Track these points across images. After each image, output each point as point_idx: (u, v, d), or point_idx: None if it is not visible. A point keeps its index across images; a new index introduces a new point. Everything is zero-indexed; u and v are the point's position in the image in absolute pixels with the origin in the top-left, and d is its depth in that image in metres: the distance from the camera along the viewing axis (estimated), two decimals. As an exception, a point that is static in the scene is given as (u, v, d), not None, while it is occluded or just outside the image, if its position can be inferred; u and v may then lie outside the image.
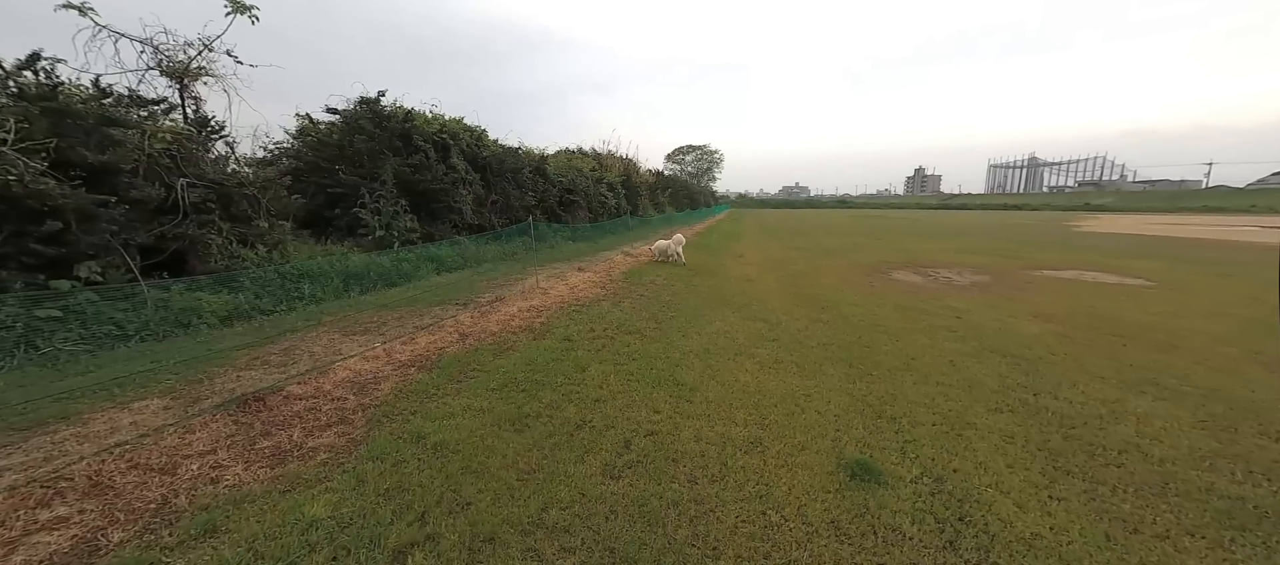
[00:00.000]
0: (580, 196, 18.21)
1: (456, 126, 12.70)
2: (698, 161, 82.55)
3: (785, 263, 12.34)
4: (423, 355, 4.79)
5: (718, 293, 8.13)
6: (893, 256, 13.69)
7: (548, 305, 7.01)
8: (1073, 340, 5.52)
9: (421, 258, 9.78)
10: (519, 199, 14.70)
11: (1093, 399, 3.91)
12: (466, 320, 6.07)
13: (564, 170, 18.39)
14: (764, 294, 8.09)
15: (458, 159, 12.04)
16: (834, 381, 4.25)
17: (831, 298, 7.80)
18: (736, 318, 6.45)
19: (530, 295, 7.63)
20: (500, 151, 14.21)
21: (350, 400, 3.74)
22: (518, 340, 5.35)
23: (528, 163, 16.29)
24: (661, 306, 7.10)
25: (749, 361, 4.75)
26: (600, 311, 6.72)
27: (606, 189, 21.44)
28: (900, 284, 9.23)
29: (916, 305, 7.25)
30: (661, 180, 42.13)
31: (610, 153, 30.07)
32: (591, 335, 5.58)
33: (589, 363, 4.67)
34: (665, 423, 3.46)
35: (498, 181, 13.60)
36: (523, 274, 9.71)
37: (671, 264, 11.30)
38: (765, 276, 10.01)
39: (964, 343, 5.37)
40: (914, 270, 11.13)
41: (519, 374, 4.31)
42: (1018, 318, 6.56)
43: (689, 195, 51.78)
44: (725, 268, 11.28)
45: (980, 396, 3.94)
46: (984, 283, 9.40)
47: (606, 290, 8.32)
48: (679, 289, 8.48)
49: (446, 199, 11.30)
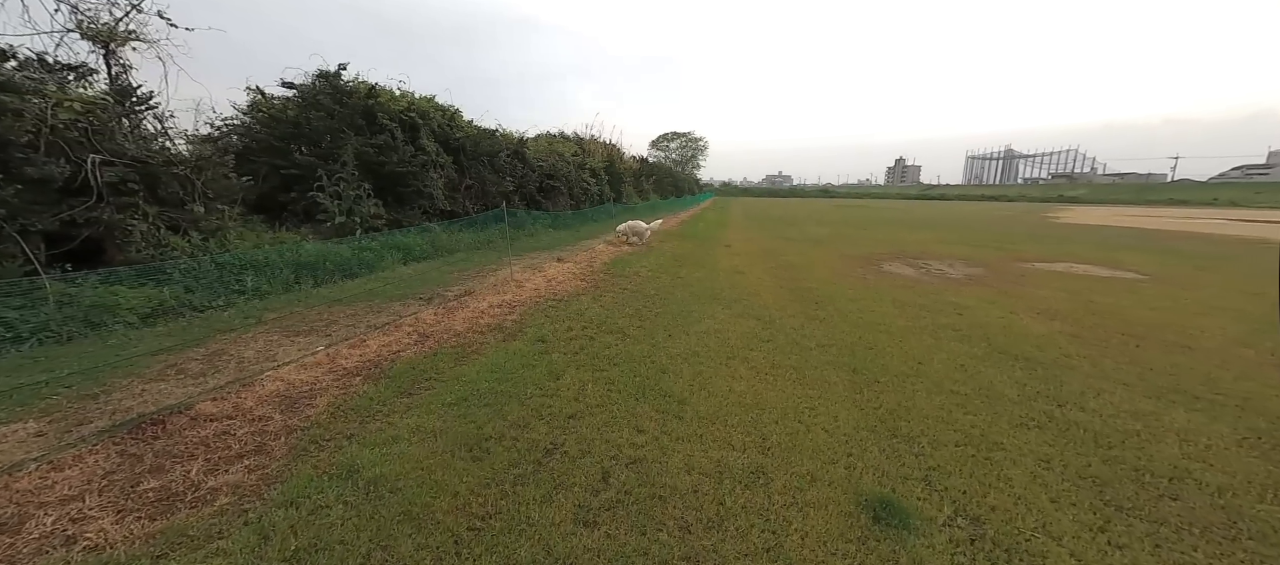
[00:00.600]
0: (561, 182, 17.47)
1: (426, 105, 11.83)
2: (682, 148, 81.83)
3: (774, 253, 11.92)
4: (372, 361, 4.18)
5: (706, 286, 7.64)
6: (882, 247, 13.40)
7: (522, 300, 6.42)
8: (1083, 340, 5.18)
9: (386, 246, 9.04)
10: (496, 184, 13.94)
11: (1122, 411, 3.53)
12: (429, 318, 5.44)
13: (544, 155, 17.61)
14: (755, 287, 7.63)
15: (428, 140, 11.22)
16: (839, 391, 3.79)
17: (826, 292, 7.37)
18: (727, 315, 5.97)
19: (503, 289, 7.02)
20: (475, 133, 13.39)
21: (274, 421, 3.13)
22: (485, 342, 4.76)
23: (506, 146, 15.48)
24: (646, 301, 6.57)
25: (743, 367, 4.26)
26: (579, 307, 6.17)
27: (589, 175, 20.71)
28: (894, 277, 8.88)
29: (915, 301, 6.88)
30: (646, 167, 41.37)
31: (593, 138, 29.22)
32: (568, 335, 5.02)
33: (564, 369, 4.13)
34: (651, 446, 2.95)
35: (472, 165, 12.80)
36: (498, 264, 9.06)
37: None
38: (755, 268, 9.56)
39: (972, 344, 4.98)
40: (905, 262, 10.82)
41: (483, 384, 3.75)
42: (1021, 315, 6.22)
43: (674, 183, 51.16)
44: (713, 259, 10.80)
45: (1001, 408, 3.52)
46: (978, 276, 9.11)
47: (587, 283, 7.75)
48: (665, 282, 7.96)
49: (415, 183, 10.52)
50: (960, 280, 8.61)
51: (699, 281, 8.01)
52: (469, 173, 12.69)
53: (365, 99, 10.20)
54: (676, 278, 8.32)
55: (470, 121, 14.21)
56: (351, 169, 9.36)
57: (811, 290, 7.51)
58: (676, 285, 7.67)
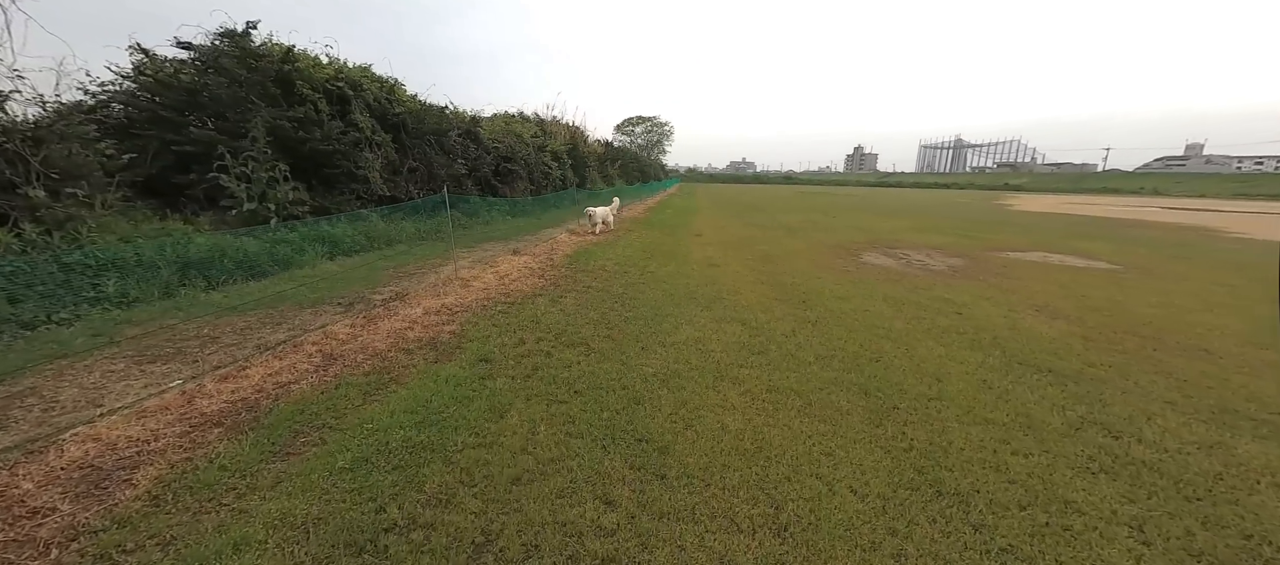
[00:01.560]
0: (520, 166, 16.19)
1: (359, 75, 10.34)
2: (648, 133, 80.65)
3: (749, 243, 11.24)
4: (247, 400, 3.12)
5: (681, 283, 6.82)
6: (856, 236, 12.99)
7: (466, 304, 5.40)
8: (1098, 344, 4.69)
9: (309, 238, 7.73)
10: (445, 166, 12.59)
11: (1186, 441, 2.95)
12: (342, 331, 4.37)
13: (501, 135, 16.24)
14: (734, 284, 6.87)
15: (361, 114, 9.80)
16: (855, 424, 3.05)
17: (811, 288, 6.70)
18: (708, 318, 5.17)
19: (445, 289, 5.96)
20: (419, 108, 11.96)
21: (56, 517, 2.08)
22: (410, 364, 3.76)
23: (457, 125, 14.08)
24: (614, 303, 5.69)
25: (735, 391, 3.47)
26: (535, 312, 5.22)
27: (550, 158, 19.44)
28: (876, 269, 8.34)
29: (907, 298, 6.30)
30: (611, 151, 40.11)
31: (555, 119, 27.76)
32: (519, 352, 4.09)
33: (511, 402, 3.21)
34: (625, 530, 2.11)
35: (416, 145, 11.42)
36: (444, 258, 7.93)
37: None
38: (731, 260, 8.83)
39: (985, 352, 4.38)
40: (882, 252, 10.37)
41: (396, 433, 2.79)
42: (1021, 312, 5.73)
43: (639, 168, 50.09)
44: (685, 250, 10.00)
45: (1052, 444, 2.88)
46: (961, 268, 8.72)
47: (545, 280, 6.78)
48: (634, 277, 7.09)
49: (345, 163, 9.14)
50: (945, 273, 8.16)
51: (672, 277, 7.18)
52: (412, 153, 11.31)
53: (280, 64, 8.69)
54: (646, 273, 7.46)
55: (414, 96, 12.73)
56: (263, 146, 7.93)
57: (795, 286, 6.83)
58: (647, 282, 6.82)
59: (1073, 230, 15.97)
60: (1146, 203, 41.49)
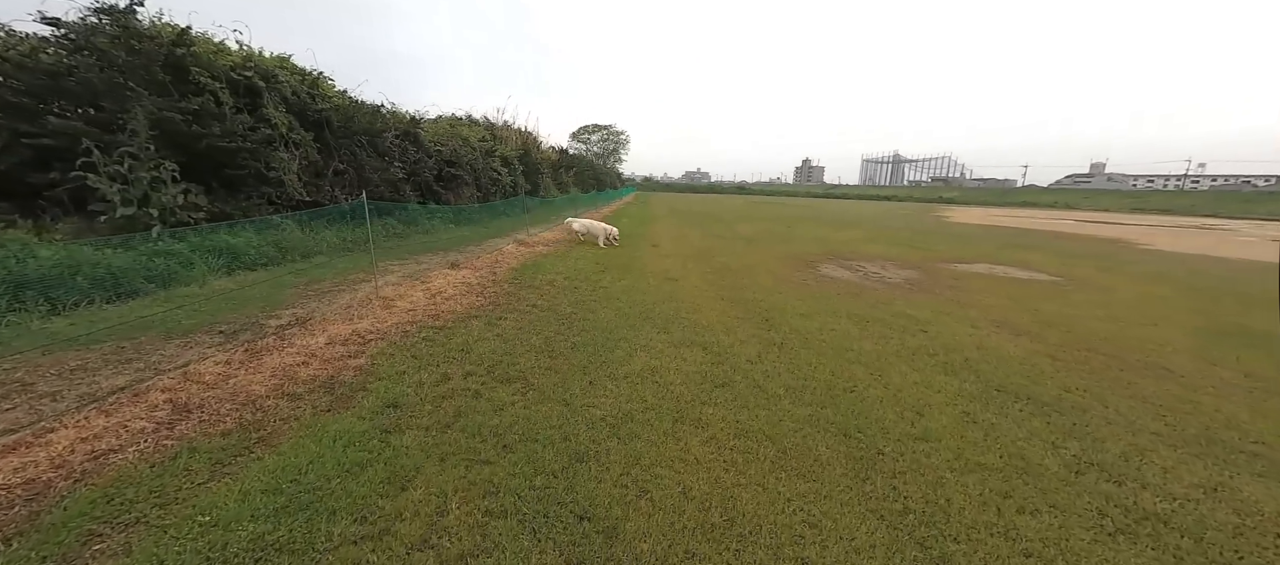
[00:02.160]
0: (465, 171, 15.19)
1: (272, 65, 9.15)
2: (604, 141, 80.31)
3: (707, 254, 10.88)
4: (29, 483, 2.25)
5: (636, 299, 6.27)
6: (812, 247, 12.96)
7: (383, 330, 4.59)
8: (1065, 363, 4.53)
9: (202, 249, 6.59)
10: (380, 170, 11.49)
11: (1191, 485, 2.68)
12: (210, 371, 3.48)
13: (445, 138, 15.19)
14: (694, 299, 6.40)
15: (275, 109, 8.65)
16: (840, 480, 2.58)
17: (774, 304, 6.33)
18: (665, 342, 4.63)
19: (361, 311, 5.11)
20: (347, 105, 10.82)
21: None
22: (292, 416, 2.97)
23: (394, 125, 12.98)
24: (560, 325, 5.05)
25: (698, 438, 2.93)
26: (467, 338, 4.49)
27: (500, 164, 18.49)
28: (836, 282, 8.14)
29: (871, 315, 6.04)
30: (565, 158, 39.29)
31: (506, 124, 26.74)
32: (439, 393, 3.37)
33: (419, 466, 2.52)
34: (552, 680, 1.49)
35: (343, 145, 10.30)
36: (369, 272, 7.00)
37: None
38: (689, 273, 8.38)
39: (959, 377, 4.09)
40: (840, 264, 10.29)
41: (243, 527, 2.04)
42: (984, 329, 5.58)
43: (595, 176, 49.52)
44: (641, 262, 9.48)
45: (1057, 496, 2.52)
46: (915, 280, 8.69)
47: (484, 298, 6.03)
48: (584, 294, 6.47)
49: (253, 163, 7.98)
50: (902, 286, 8.06)
51: (626, 293, 6.62)
52: (339, 154, 10.18)
53: (171, 47, 7.47)
54: (599, 288, 6.86)
55: (344, 92, 11.57)
56: (145, 140, 6.71)
57: (757, 302, 6.44)
58: (599, 299, 6.22)
59: (1008, 242, 16.79)
60: (1061, 215, 45.23)
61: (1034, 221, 31.83)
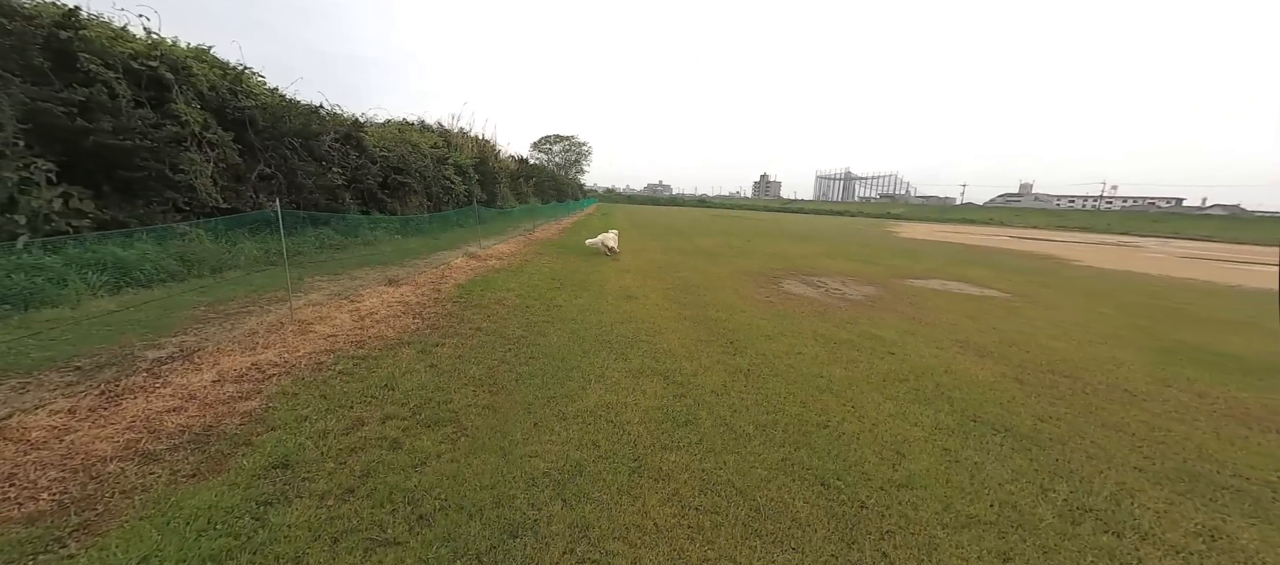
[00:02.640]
0: (414, 179, 14.28)
1: (184, 55, 8.13)
2: (566, 152, 79.70)
3: (668, 269, 10.55)
4: None
5: (593, 320, 5.80)
6: (774, 262, 12.90)
7: (290, 363, 3.91)
8: (1032, 387, 4.42)
9: (82, 263, 5.61)
10: (315, 175, 10.53)
11: (1188, 532, 2.48)
12: (41, 425, 2.74)
13: (392, 143, 14.26)
14: (654, 320, 6.00)
15: (186, 106, 7.66)
16: (822, 546, 2.21)
17: (738, 325, 6.02)
18: (623, 371, 4.19)
19: (268, 338, 4.38)
20: (277, 104, 9.84)
21: None
22: (140, 486, 2.31)
23: (335, 128, 12.01)
24: (507, 351, 4.51)
25: (658, 495, 2.49)
26: (393, 371, 3.88)
27: (454, 172, 17.61)
28: (800, 300, 7.97)
29: (837, 335, 5.83)
30: (525, 168, 38.44)
31: (462, 131, 25.77)
32: (345, 445, 2.78)
33: (299, 555, 1.95)
34: None
35: (271, 147, 9.33)
36: (292, 289, 6.19)
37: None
38: (649, 290, 7.99)
39: (934, 407, 3.86)
40: (802, 279, 10.20)
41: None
42: (949, 350, 5.46)
43: (556, 186, 48.78)
44: (600, 278, 9.02)
45: (1058, 552, 2.24)
46: (876, 297, 8.66)
47: (422, 320, 5.39)
48: (537, 314, 5.94)
49: (155, 164, 6.98)
50: (864, 304, 7.99)
51: (583, 313, 6.14)
52: (265, 157, 9.19)
53: (55, 29, 6.43)
54: (553, 307, 6.35)
55: (275, 90, 10.56)
56: (12, 135, 5.68)
57: (721, 321, 6.11)
58: (552, 320, 5.71)
59: (955, 257, 17.46)
60: (996, 232, 48.32)
61: (974, 238, 33.66)
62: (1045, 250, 24.19)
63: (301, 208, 10.19)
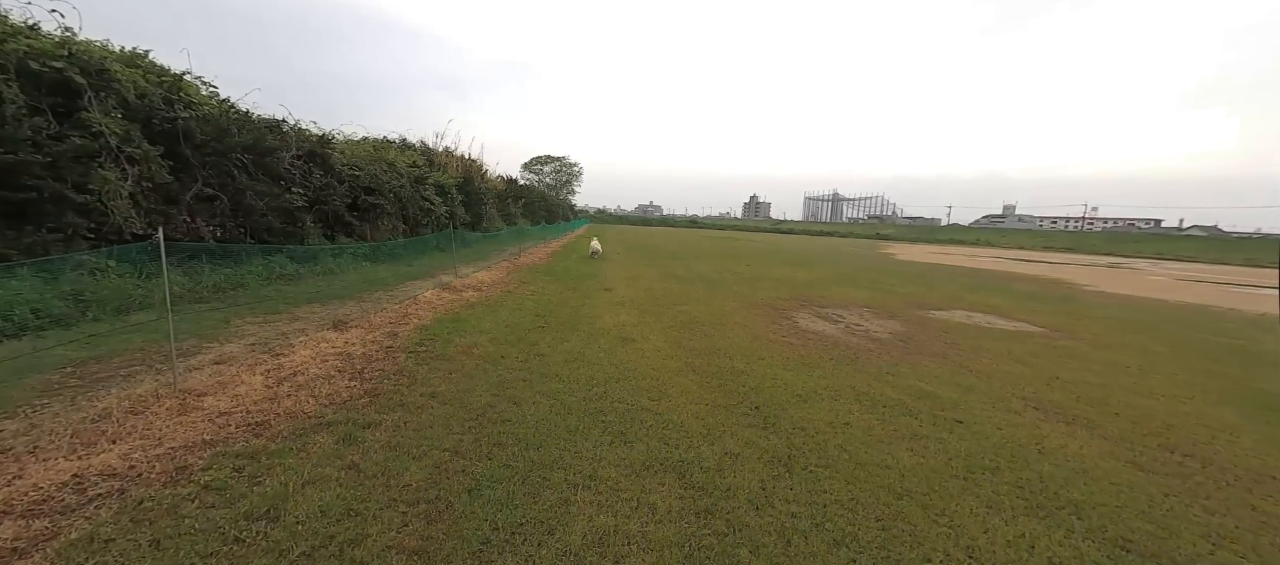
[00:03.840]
0: (387, 199, 13.13)
1: (101, 57, 6.97)
2: (557, 173, 79.30)
3: (667, 300, 9.46)
4: None
5: (582, 377, 4.66)
6: (780, 290, 11.89)
7: (137, 470, 2.70)
8: (1160, 476, 3.36)
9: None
10: (270, 197, 9.35)
11: None
12: None
13: (365, 161, 13.14)
14: (657, 374, 4.87)
15: (103, 114, 6.49)
16: None
17: (760, 379, 4.92)
18: (621, 467, 3.05)
19: (124, 423, 3.16)
20: (222, 115, 8.69)
21: None
22: None
23: (298, 144, 10.88)
24: (466, 432, 3.35)
25: None
26: (288, 482, 2.69)
27: (434, 192, 16.49)
28: (821, 340, 6.91)
29: (882, 394, 4.75)
30: (514, 188, 37.51)
31: (447, 150, 24.80)
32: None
33: None
34: None
35: (213, 164, 8.16)
36: (206, 336, 4.97)
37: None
38: (650, 330, 6.88)
39: (1057, 522, 2.77)
40: (814, 311, 9.18)
41: None
42: (1024, 415, 4.41)
43: (546, 207, 47.85)
44: (591, 312, 7.90)
45: None
46: (904, 335, 7.63)
47: (361, 383, 4.20)
48: (513, 367, 4.79)
49: (52, 183, 5.77)
50: (895, 344, 6.94)
51: (570, 365, 5.00)
52: (205, 175, 8.01)
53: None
54: (533, 358, 5.20)
55: (225, 101, 9.44)
56: None
57: (738, 376, 5.01)
58: (531, 377, 4.56)
59: (965, 283, 16.62)
60: (990, 253, 48.11)
61: (972, 259, 33.12)
62: (1047, 273, 23.58)
63: (252, 233, 8.99)
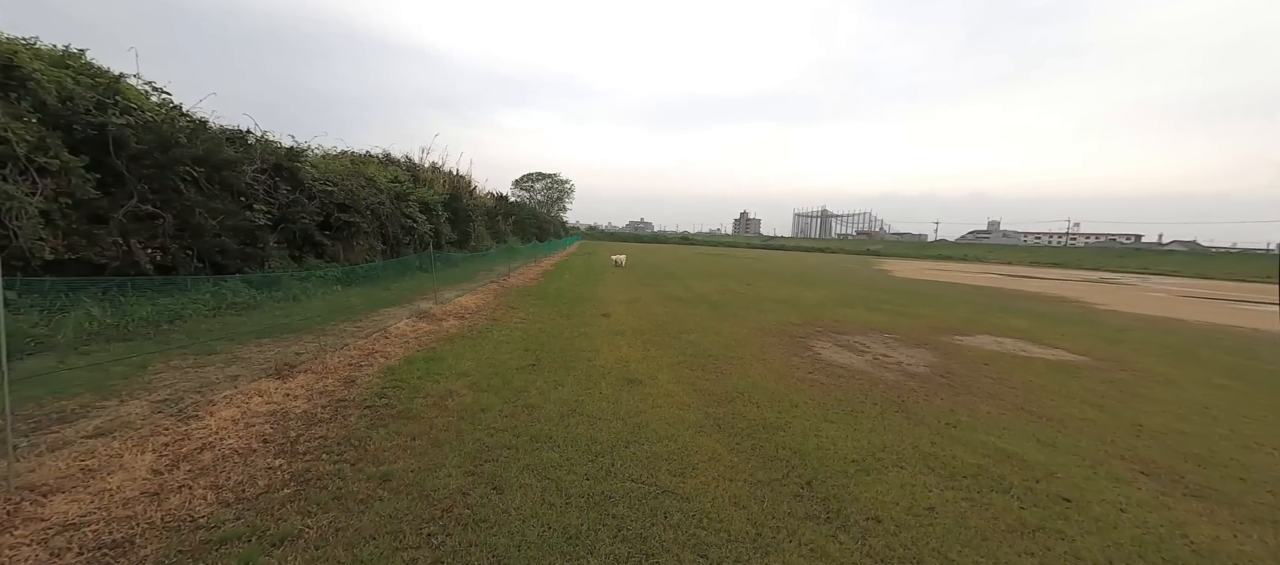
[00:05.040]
0: (364, 217, 12.11)
1: (7, 51, 5.93)
2: (549, 190, 78.70)
3: (672, 327, 8.53)
4: None
5: (580, 438, 3.70)
6: (789, 313, 11.02)
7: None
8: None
9: None
10: (226, 215, 8.32)
11: None
12: None
13: (340, 176, 12.16)
14: (674, 432, 3.92)
15: (13, 118, 5.49)
16: None
17: (802, 438, 3.98)
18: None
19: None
20: (164, 122, 7.68)
21: None
22: None
23: (261, 156, 9.90)
24: (423, 542, 2.36)
25: None
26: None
27: (418, 209, 15.50)
28: (853, 377, 6.01)
29: (956, 459, 3.84)
30: (504, 205, 36.58)
31: (434, 166, 23.89)
32: None
33: None
34: None
35: (154, 178, 7.14)
36: (105, 390, 3.94)
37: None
38: (657, 366, 5.94)
39: None
40: (834, 339, 8.31)
41: None
42: (1135, 485, 3.52)
43: (537, 224, 46.87)
44: (588, 343, 6.94)
45: None
46: (943, 369, 6.77)
47: (289, 463, 3.19)
48: (493, 426, 3.80)
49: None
50: (938, 383, 6.07)
51: (565, 421, 4.03)
52: (141, 190, 6.98)
53: None
54: (520, 409, 4.22)
55: (176, 108, 8.45)
56: None
57: (775, 433, 4.07)
58: (517, 444, 3.58)
59: (977, 303, 15.92)
60: (984, 269, 47.94)
61: (969, 276, 32.66)
62: (1050, 290, 23.07)
63: (202, 256, 7.94)
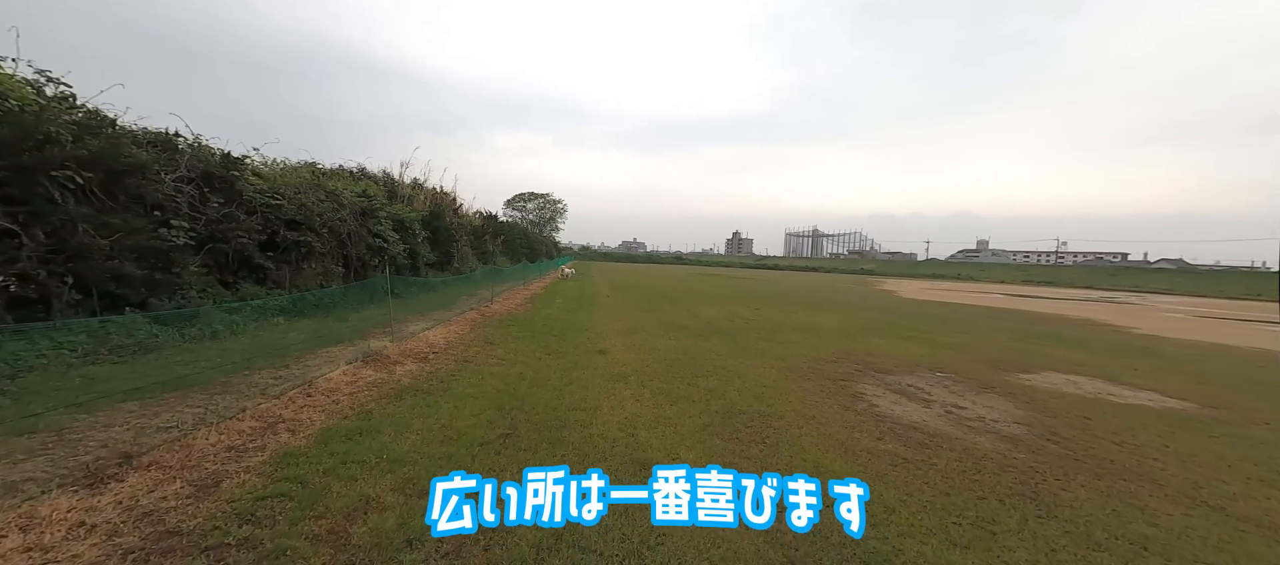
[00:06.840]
0: (318, 235, 10.46)
1: None
2: (541, 209, 77.49)
3: (684, 368, 6.94)
4: None
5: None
6: (814, 346, 9.48)
7: None
8: None
9: None
10: (127, 233, 6.66)
11: None
12: None
13: (294, 189, 10.53)
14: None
15: None
16: None
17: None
18: None
19: None
20: (34, 114, 6.05)
21: None
22: None
23: (188, 163, 8.28)
24: None
25: None
26: None
27: (390, 226, 13.87)
28: (939, 445, 4.45)
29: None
30: (492, 224, 34.99)
31: (415, 182, 22.33)
32: None
33: None
34: None
35: (17, 183, 5.50)
36: None
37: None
38: (674, 434, 4.33)
39: None
40: (879, 381, 6.77)
41: None
42: None
43: (528, 244, 45.29)
44: (582, 397, 5.31)
45: None
46: (1040, 427, 5.25)
47: None
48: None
49: None
50: (1050, 451, 4.52)
51: (538, 561, 2.40)
52: None
53: None
54: (471, 535, 2.58)
55: (58, 97, 6.85)
56: None
57: (875, 562, 2.48)
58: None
59: (1006, 329, 14.50)
60: (978, 288, 46.95)
61: (971, 296, 31.42)
62: (1067, 312, 21.80)
63: (85, 286, 6.24)
